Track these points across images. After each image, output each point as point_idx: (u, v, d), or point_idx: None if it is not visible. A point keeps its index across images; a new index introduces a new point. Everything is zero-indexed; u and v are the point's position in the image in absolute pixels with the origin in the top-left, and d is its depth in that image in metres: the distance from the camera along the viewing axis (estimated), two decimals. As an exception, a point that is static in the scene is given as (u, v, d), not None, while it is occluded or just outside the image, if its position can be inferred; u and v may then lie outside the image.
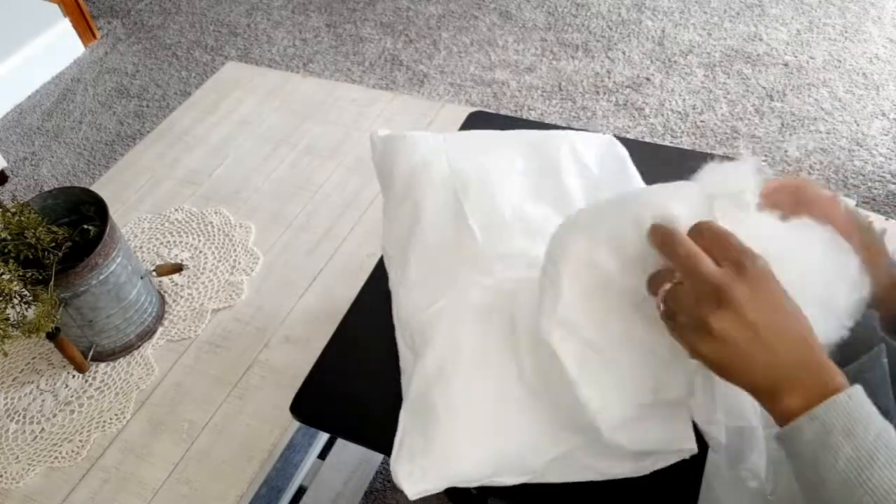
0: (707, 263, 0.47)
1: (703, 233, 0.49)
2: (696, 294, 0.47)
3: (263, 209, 1.18)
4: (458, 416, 0.60)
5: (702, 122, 1.88)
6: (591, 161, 0.79)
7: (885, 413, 0.60)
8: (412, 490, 0.58)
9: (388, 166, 0.78)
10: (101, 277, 0.90)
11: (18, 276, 0.84)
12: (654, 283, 0.51)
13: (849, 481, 0.44)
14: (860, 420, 0.45)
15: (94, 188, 1.15)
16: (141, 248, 1.15)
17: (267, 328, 1.01)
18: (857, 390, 0.46)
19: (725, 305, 0.46)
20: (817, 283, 0.50)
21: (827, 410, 0.45)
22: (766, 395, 0.47)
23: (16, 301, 0.86)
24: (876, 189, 1.65)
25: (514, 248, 0.69)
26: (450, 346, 0.63)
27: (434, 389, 0.62)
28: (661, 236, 0.50)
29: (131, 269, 0.96)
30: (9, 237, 0.86)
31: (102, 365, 1.00)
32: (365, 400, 0.76)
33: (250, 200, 1.20)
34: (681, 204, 0.51)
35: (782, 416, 0.47)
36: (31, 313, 0.87)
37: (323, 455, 1.14)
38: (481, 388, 0.61)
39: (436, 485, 0.59)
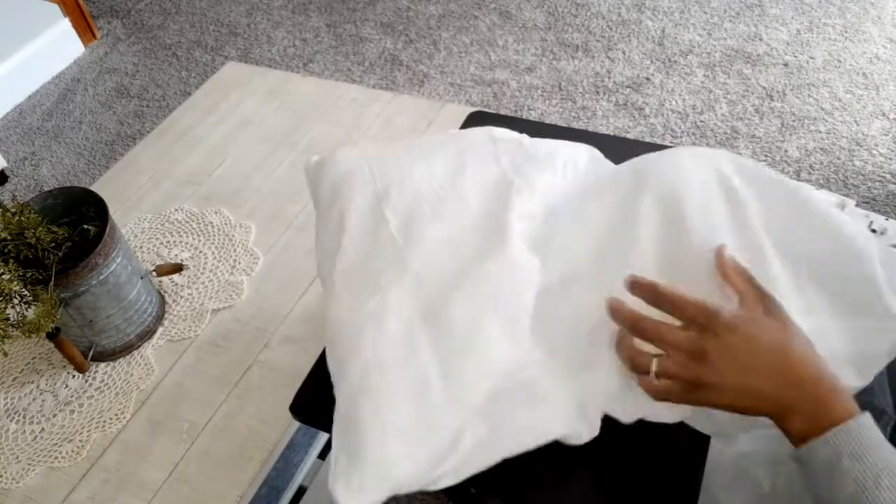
0: (675, 333, 0.54)
1: (661, 299, 0.55)
2: (677, 363, 0.53)
3: (263, 209, 1.18)
4: (384, 420, 0.59)
5: (702, 122, 1.88)
6: (509, 150, 0.78)
7: (882, 413, 0.61)
8: None
9: (316, 185, 0.77)
10: (101, 277, 0.90)
11: (18, 276, 0.84)
12: (640, 365, 0.56)
13: (856, 500, 0.48)
14: (868, 446, 0.49)
15: (94, 188, 1.15)
16: (141, 248, 1.15)
17: (267, 328, 1.01)
18: (866, 417, 0.50)
19: (703, 362, 0.52)
20: None
21: (837, 436, 0.49)
22: (777, 420, 0.52)
23: (16, 301, 0.86)
24: (876, 189, 1.65)
25: (434, 239, 0.69)
26: (372, 351, 0.62)
27: (359, 399, 0.61)
28: (628, 317, 0.56)
29: (131, 269, 0.96)
30: (9, 237, 0.86)
31: (102, 365, 1.00)
32: (365, 400, 0.75)
33: (250, 200, 1.20)
34: None
35: (796, 438, 0.51)
36: (31, 313, 0.87)
37: (323, 455, 1.14)
38: (404, 389, 0.60)
39: (376, 496, 0.57)
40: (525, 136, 0.79)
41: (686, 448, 0.64)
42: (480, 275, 0.66)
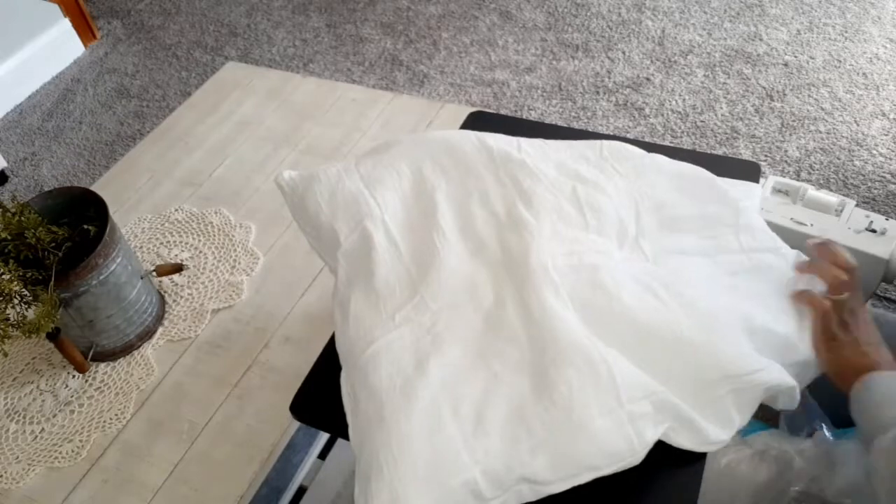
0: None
1: (836, 258, 0.71)
2: (840, 312, 0.69)
3: (263, 209, 1.18)
4: (400, 463, 0.58)
5: (702, 122, 1.88)
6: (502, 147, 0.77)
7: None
8: None
9: (305, 203, 0.76)
10: (101, 278, 0.90)
11: (18, 276, 0.84)
12: (817, 305, 0.70)
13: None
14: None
15: (94, 188, 1.15)
16: (141, 248, 1.15)
17: (267, 328, 1.01)
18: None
19: (847, 324, 0.69)
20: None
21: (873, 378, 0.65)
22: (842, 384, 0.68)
23: (16, 301, 0.86)
24: (876, 189, 1.65)
25: (449, 274, 0.68)
26: (386, 391, 0.61)
27: (375, 436, 0.60)
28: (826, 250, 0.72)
29: (131, 270, 0.96)
30: (9, 237, 0.86)
31: (102, 365, 1.00)
32: (365, 400, 0.76)
33: (250, 200, 1.20)
34: None
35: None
36: (31, 313, 0.87)
37: (323, 455, 1.14)
38: (419, 430, 0.59)
39: None
40: (525, 152, 0.76)
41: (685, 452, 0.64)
42: (502, 322, 0.66)
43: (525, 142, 0.78)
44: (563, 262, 0.68)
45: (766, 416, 1.15)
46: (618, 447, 0.59)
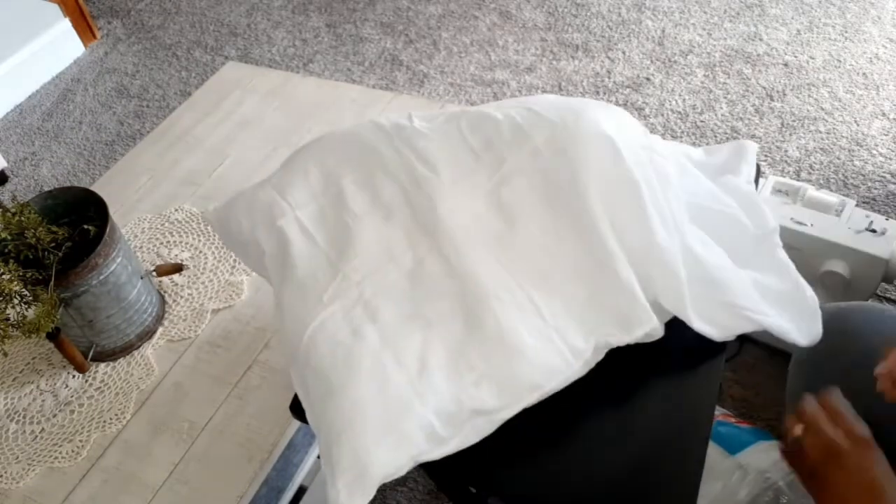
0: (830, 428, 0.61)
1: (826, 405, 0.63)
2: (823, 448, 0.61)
3: (263, 209, 1.18)
4: (355, 424, 0.60)
5: (702, 122, 1.88)
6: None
7: None
8: None
9: (229, 228, 0.79)
10: (101, 277, 0.90)
11: (18, 276, 0.84)
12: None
13: None
14: None
15: (94, 188, 1.15)
16: (141, 248, 1.15)
17: (267, 328, 1.01)
18: None
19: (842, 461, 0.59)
20: None
21: None
22: None
23: (16, 301, 0.86)
24: (876, 189, 1.65)
25: (364, 245, 0.71)
26: (329, 366, 0.64)
27: (328, 408, 0.62)
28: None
29: (131, 269, 0.96)
30: (9, 237, 0.86)
31: (102, 365, 1.00)
32: (365, 400, 0.76)
33: (250, 200, 1.20)
34: None
35: None
36: (31, 313, 0.87)
37: (323, 455, 1.14)
38: (367, 390, 0.62)
39: (365, 493, 0.59)
40: (415, 119, 0.80)
41: (683, 450, 0.64)
42: (425, 276, 0.69)
43: (416, 112, 0.82)
44: (468, 204, 0.71)
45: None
46: (552, 361, 0.63)
